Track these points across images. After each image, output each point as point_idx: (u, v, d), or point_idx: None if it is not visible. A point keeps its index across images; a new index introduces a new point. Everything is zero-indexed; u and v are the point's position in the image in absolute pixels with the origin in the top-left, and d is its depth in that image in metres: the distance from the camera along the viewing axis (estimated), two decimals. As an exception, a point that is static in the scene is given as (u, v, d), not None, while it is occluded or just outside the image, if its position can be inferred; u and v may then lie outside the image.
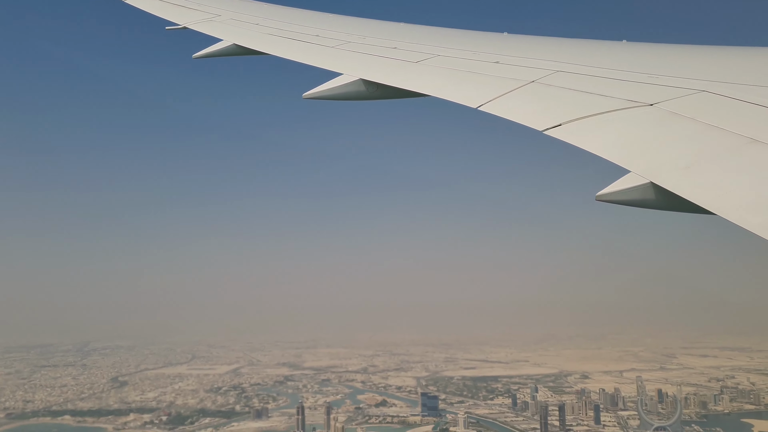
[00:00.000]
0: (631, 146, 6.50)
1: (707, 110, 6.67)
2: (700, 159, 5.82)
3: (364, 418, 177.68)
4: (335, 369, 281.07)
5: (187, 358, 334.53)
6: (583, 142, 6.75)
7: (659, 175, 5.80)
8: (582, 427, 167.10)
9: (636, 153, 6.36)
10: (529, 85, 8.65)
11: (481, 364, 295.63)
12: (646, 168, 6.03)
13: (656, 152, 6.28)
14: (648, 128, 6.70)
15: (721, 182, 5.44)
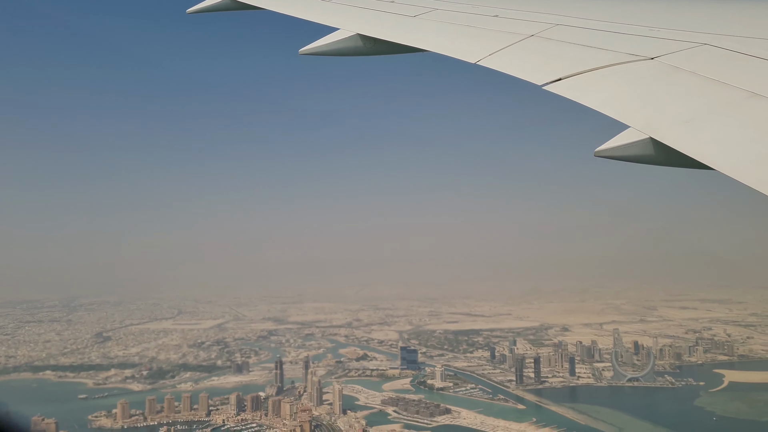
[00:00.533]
0: (631, 101, 6.46)
1: (708, 64, 6.57)
2: (700, 114, 5.76)
3: (344, 371, 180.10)
4: (319, 324, 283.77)
5: (172, 314, 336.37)
6: (583, 96, 6.66)
7: (659, 131, 5.76)
8: (557, 379, 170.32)
9: (636, 108, 6.32)
10: (528, 39, 8.57)
11: (464, 318, 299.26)
12: (645, 123, 5.98)
13: (656, 107, 6.24)
14: (648, 82, 6.68)
15: (721, 137, 5.39)
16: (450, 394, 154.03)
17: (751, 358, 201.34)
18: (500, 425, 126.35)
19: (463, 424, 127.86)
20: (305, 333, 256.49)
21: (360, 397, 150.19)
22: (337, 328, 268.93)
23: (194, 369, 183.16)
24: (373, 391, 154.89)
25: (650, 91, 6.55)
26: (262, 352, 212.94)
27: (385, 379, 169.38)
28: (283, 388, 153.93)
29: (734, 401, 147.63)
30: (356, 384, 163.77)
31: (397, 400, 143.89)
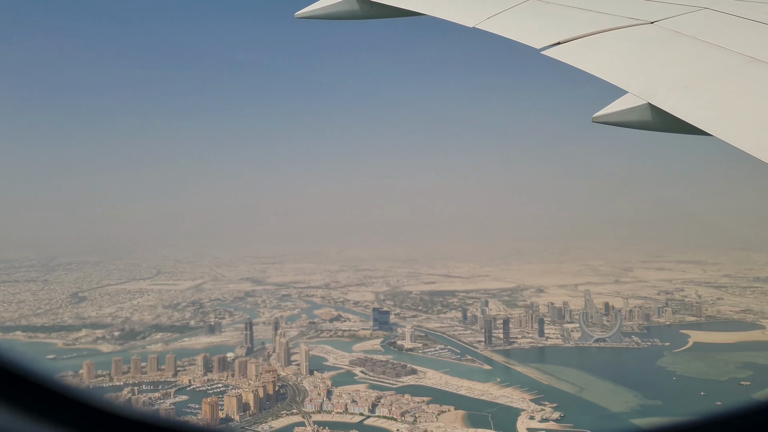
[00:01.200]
0: (630, 66, 6.41)
1: (709, 28, 6.52)
2: (699, 79, 5.73)
3: (317, 332, 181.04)
4: (297, 284, 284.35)
5: (151, 274, 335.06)
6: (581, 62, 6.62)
7: (657, 96, 5.74)
8: (526, 340, 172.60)
9: (634, 73, 6.27)
10: (528, 2, 8.49)
11: (442, 279, 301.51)
12: (644, 88, 5.93)
13: (655, 72, 6.19)
14: (647, 47, 6.62)
15: (720, 103, 5.38)
16: (419, 355, 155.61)
17: (718, 319, 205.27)
18: (464, 385, 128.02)
19: (428, 384, 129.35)
20: (282, 294, 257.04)
21: (329, 357, 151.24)
22: (315, 289, 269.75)
23: (166, 330, 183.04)
24: (343, 351, 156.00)
25: (649, 56, 6.49)
26: (237, 313, 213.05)
27: (357, 340, 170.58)
28: (253, 349, 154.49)
29: (696, 361, 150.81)
30: (327, 345, 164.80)
31: (365, 360, 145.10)
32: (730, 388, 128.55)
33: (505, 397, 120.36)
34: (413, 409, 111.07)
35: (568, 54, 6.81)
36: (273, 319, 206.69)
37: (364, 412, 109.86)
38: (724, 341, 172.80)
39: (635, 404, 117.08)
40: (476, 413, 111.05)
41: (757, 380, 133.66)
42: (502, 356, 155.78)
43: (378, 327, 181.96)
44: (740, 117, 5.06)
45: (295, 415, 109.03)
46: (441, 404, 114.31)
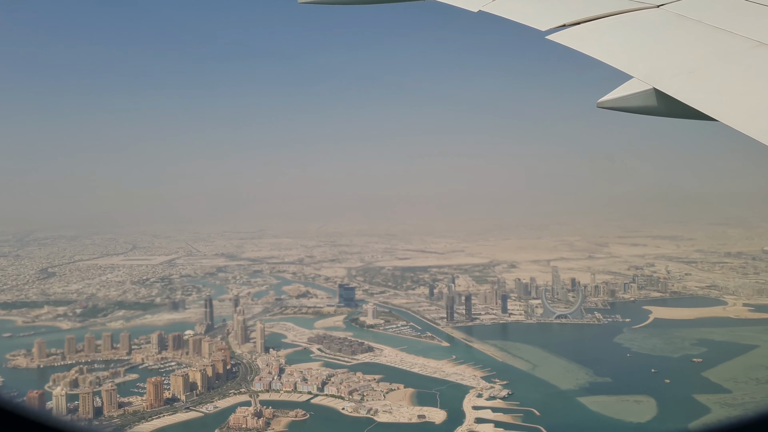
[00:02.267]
0: (635, 50, 6.38)
1: (714, 12, 6.48)
2: (704, 63, 5.69)
3: (281, 309, 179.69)
4: (271, 260, 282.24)
5: (126, 249, 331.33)
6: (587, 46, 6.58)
7: (662, 81, 5.68)
8: (489, 316, 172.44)
9: (640, 57, 6.22)
10: None
11: (417, 255, 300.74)
12: (649, 73, 5.89)
13: (660, 57, 6.16)
14: (653, 31, 6.54)
15: (726, 87, 5.35)
16: (380, 332, 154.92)
17: (683, 295, 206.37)
18: (419, 363, 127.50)
19: (383, 362, 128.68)
20: (254, 270, 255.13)
21: (289, 334, 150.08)
22: (288, 265, 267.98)
23: (130, 307, 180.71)
24: (304, 329, 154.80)
25: (655, 40, 6.44)
26: (205, 289, 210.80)
27: (320, 317, 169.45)
28: (213, 326, 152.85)
29: (653, 338, 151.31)
30: (290, 321, 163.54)
31: (323, 338, 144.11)
32: (681, 365, 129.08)
33: (457, 375, 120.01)
34: (363, 387, 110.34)
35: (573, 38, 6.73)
36: (246, 294, 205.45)
37: (313, 391, 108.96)
38: (685, 317, 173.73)
39: (585, 382, 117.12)
40: (425, 391, 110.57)
41: (710, 357, 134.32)
42: (463, 333, 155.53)
43: (343, 303, 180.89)
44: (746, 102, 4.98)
45: (243, 394, 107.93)
46: (391, 382, 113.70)
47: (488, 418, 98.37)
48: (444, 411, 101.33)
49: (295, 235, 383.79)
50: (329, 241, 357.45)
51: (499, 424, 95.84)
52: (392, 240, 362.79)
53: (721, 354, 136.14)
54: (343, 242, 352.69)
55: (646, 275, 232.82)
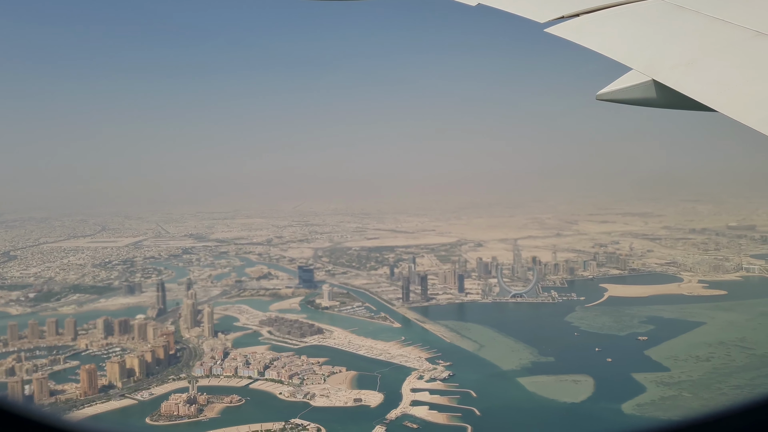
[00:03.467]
0: (634, 42, 6.38)
1: (713, 2, 6.49)
2: (703, 54, 5.69)
3: (239, 291, 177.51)
4: (239, 241, 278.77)
5: (95, 230, 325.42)
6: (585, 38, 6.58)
7: (661, 72, 5.68)
8: (446, 296, 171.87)
9: (638, 49, 6.23)
10: None
11: (387, 235, 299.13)
12: (648, 65, 5.89)
13: (659, 48, 6.17)
14: (652, 22, 6.54)
15: (725, 78, 5.37)
16: (334, 313, 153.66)
17: (641, 272, 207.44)
18: (366, 344, 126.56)
19: (331, 344, 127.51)
20: (220, 251, 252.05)
21: (242, 317, 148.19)
22: (255, 246, 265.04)
23: (86, 291, 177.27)
24: (258, 311, 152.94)
25: (653, 31, 6.41)
26: (166, 272, 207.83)
27: (277, 299, 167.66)
28: (166, 310, 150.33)
29: (604, 316, 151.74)
30: (246, 304, 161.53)
31: (275, 320, 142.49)
32: (626, 343, 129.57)
33: (402, 357, 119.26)
34: (304, 371, 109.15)
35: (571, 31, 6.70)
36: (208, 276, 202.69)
37: (254, 375, 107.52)
38: (639, 294, 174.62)
39: (528, 362, 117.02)
40: (367, 374, 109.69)
41: (656, 335, 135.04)
42: (417, 313, 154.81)
43: (302, 285, 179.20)
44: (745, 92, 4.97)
45: (182, 380, 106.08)
46: (334, 365, 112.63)
47: (424, 401, 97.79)
48: (382, 394, 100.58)
49: (269, 215, 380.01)
50: (302, 221, 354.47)
51: (434, 407, 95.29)
52: (365, 219, 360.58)
53: (667, 332, 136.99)
54: (316, 222, 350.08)
55: (609, 252, 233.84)
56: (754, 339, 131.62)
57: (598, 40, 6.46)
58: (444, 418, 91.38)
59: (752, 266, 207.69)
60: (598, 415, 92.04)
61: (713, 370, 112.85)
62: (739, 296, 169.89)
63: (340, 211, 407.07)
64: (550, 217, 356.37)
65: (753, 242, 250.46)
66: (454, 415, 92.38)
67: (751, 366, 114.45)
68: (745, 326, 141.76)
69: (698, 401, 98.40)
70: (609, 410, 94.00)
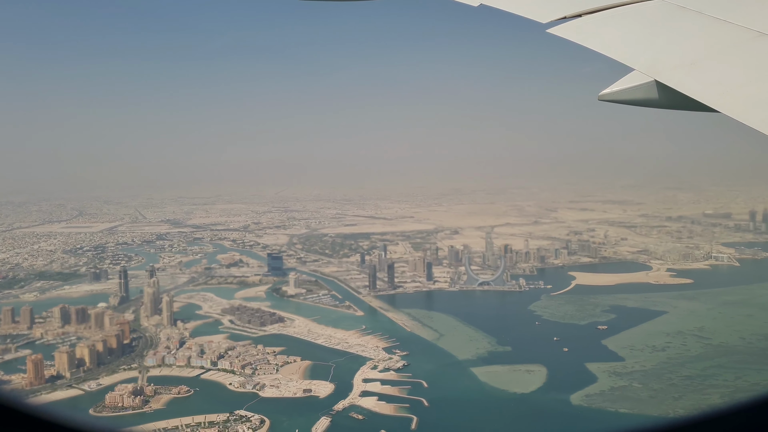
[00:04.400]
0: (636, 42, 6.37)
1: (715, 3, 6.48)
2: (705, 55, 5.69)
3: (206, 279, 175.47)
4: (216, 226, 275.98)
5: (72, 215, 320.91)
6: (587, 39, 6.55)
7: (663, 73, 5.67)
8: (414, 284, 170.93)
9: (641, 50, 6.22)
10: None
11: (365, 221, 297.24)
12: (650, 65, 5.87)
13: (661, 49, 6.16)
14: (654, 23, 6.52)
15: (727, 79, 5.38)
16: (299, 302, 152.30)
17: (611, 260, 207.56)
18: (326, 333, 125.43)
19: (290, 333, 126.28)
20: (194, 237, 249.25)
21: (205, 305, 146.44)
22: (231, 232, 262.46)
23: (51, 278, 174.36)
24: (223, 299, 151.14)
25: (656, 32, 6.38)
26: (137, 258, 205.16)
27: (244, 287, 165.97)
28: (128, 298, 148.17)
29: (568, 305, 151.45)
30: (211, 292, 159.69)
31: (237, 308, 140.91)
32: (586, 332, 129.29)
33: (360, 346, 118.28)
34: (258, 360, 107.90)
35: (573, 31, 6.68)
36: (177, 263, 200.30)
37: (207, 365, 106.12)
38: (607, 283, 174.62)
39: (484, 351, 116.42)
40: (322, 363, 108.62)
41: (616, 324, 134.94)
42: (383, 302, 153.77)
43: (271, 273, 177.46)
44: (747, 92, 4.94)
45: (133, 370, 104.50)
46: (290, 355, 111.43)
47: (374, 391, 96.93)
48: (333, 384, 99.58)
49: (250, 201, 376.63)
50: (282, 207, 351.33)
51: (384, 397, 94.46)
52: (346, 206, 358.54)
53: (628, 321, 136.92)
54: (296, 208, 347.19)
55: (583, 240, 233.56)
56: (713, 328, 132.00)
57: (601, 41, 6.43)
58: (391, 409, 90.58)
59: (722, 255, 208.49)
60: (545, 406, 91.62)
61: (667, 360, 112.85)
62: (705, 285, 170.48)
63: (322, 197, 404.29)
64: (530, 205, 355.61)
65: (726, 230, 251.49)
66: (402, 406, 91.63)
67: (705, 356, 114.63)
68: (705, 315, 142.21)
69: (647, 392, 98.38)
70: (557, 401, 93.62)
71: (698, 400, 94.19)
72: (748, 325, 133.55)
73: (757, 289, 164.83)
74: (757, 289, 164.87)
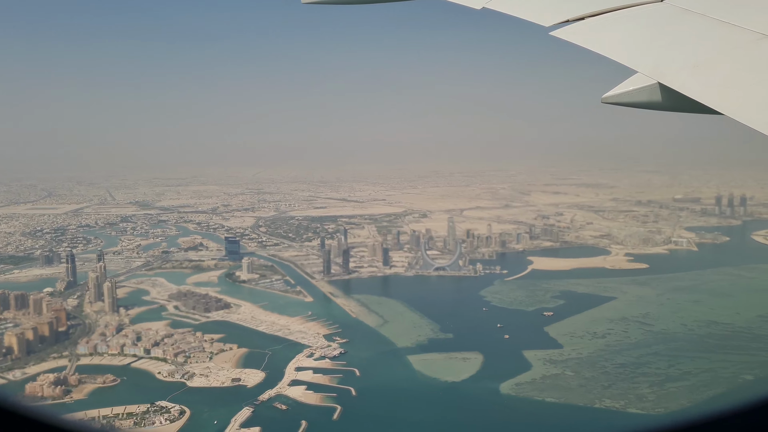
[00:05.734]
0: (640, 45, 6.38)
1: (719, 5, 6.46)
2: (710, 57, 5.68)
3: (162, 263, 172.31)
4: (184, 209, 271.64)
5: (40, 196, 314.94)
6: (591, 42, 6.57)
7: (667, 75, 5.66)
8: (371, 269, 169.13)
9: (644, 52, 6.23)
10: None
11: (336, 204, 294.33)
12: (653, 68, 5.88)
13: (665, 51, 6.15)
14: (657, 25, 6.51)
15: (731, 81, 5.35)
16: (250, 287, 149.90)
17: (572, 245, 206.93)
18: (269, 320, 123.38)
19: (233, 319, 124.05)
20: (160, 219, 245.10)
21: (153, 291, 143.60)
22: (198, 214, 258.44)
23: (2, 261, 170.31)
24: (173, 285, 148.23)
25: (659, 34, 6.33)
26: (96, 241, 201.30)
27: (198, 271, 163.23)
28: (76, 283, 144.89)
29: (519, 290, 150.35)
30: (164, 277, 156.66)
31: (184, 294, 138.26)
32: (530, 319, 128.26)
33: (301, 333, 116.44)
34: (193, 348, 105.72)
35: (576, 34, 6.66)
36: (135, 247, 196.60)
37: (139, 354, 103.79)
38: (563, 268, 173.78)
39: (425, 338, 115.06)
40: (258, 351, 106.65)
41: (563, 310, 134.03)
42: (335, 287, 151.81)
43: (227, 257, 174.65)
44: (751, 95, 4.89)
45: (64, 358, 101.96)
46: (227, 343, 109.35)
47: (304, 380, 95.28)
48: (264, 373, 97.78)
49: (225, 183, 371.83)
50: (255, 189, 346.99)
51: (312, 386, 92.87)
52: (321, 188, 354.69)
53: (575, 307, 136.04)
54: (269, 190, 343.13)
55: (548, 225, 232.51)
56: (658, 315, 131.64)
57: (603, 43, 6.37)
58: (317, 399, 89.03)
59: (681, 239, 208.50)
60: (473, 394, 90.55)
61: (605, 347, 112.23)
62: (660, 270, 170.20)
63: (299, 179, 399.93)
64: (504, 188, 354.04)
65: (693, 215, 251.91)
66: (329, 396, 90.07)
67: (643, 343, 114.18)
68: (653, 301, 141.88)
69: (578, 380, 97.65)
70: (486, 390, 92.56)
71: (626, 389, 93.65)
72: (693, 311, 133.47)
73: (709, 274, 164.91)
74: (710, 274, 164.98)
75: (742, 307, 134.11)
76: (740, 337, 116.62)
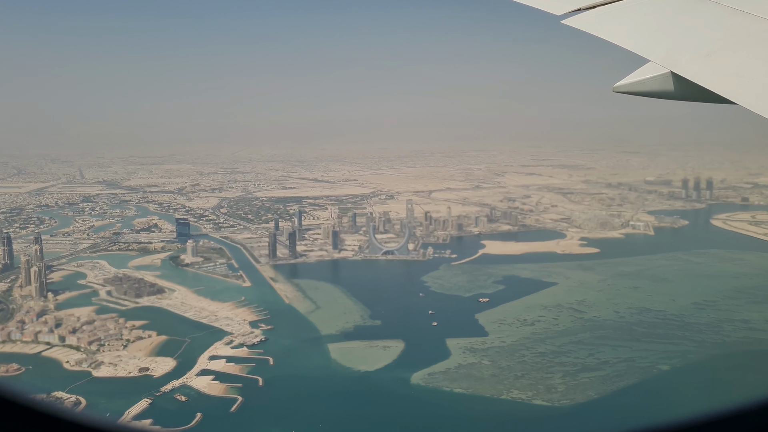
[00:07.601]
0: (652, 33, 6.25)
1: None
2: (722, 46, 5.56)
3: (109, 245, 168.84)
4: (151, 188, 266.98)
5: (9, 174, 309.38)
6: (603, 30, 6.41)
7: (679, 64, 5.53)
8: (321, 252, 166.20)
9: (656, 41, 6.10)
10: None
11: (305, 184, 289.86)
12: (665, 57, 5.76)
13: (677, 40, 6.02)
14: (669, 14, 6.35)
15: (744, 70, 5.24)
16: (192, 270, 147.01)
17: (531, 228, 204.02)
18: (199, 306, 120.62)
19: (162, 305, 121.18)
20: (122, 199, 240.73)
21: (90, 275, 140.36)
22: (164, 194, 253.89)
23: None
24: (114, 268, 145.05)
25: (671, 23, 6.21)
26: (50, 222, 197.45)
27: (143, 254, 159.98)
28: (12, 266, 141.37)
29: (462, 275, 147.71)
30: (106, 260, 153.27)
31: (120, 278, 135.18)
32: (465, 305, 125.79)
33: (227, 320, 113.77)
34: (110, 336, 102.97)
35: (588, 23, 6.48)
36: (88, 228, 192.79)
37: (53, 341, 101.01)
38: (514, 252, 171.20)
39: (351, 325, 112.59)
40: (177, 339, 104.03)
41: (500, 296, 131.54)
42: (279, 272, 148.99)
43: (177, 239, 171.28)
44: (765, 84, 4.73)
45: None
46: (147, 330, 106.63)
47: (214, 369, 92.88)
48: (176, 362, 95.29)
49: (200, 162, 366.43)
50: (229, 168, 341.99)
51: (220, 376, 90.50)
52: (295, 167, 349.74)
53: (513, 292, 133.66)
54: (243, 169, 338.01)
55: (513, 207, 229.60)
56: (593, 301, 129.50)
57: (615, 32, 6.23)
58: (221, 390, 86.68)
59: (639, 223, 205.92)
60: (380, 385, 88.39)
61: (530, 335, 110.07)
62: (610, 255, 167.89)
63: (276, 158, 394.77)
64: (480, 168, 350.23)
65: (660, 198, 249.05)
66: (234, 386, 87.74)
67: (570, 331, 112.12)
68: (593, 287, 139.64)
69: (492, 370, 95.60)
70: (396, 380, 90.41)
71: (538, 380, 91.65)
72: (630, 297, 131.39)
73: (658, 259, 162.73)
74: (659, 259, 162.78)
75: (680, 293, 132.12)
76: (669, 325, 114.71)
